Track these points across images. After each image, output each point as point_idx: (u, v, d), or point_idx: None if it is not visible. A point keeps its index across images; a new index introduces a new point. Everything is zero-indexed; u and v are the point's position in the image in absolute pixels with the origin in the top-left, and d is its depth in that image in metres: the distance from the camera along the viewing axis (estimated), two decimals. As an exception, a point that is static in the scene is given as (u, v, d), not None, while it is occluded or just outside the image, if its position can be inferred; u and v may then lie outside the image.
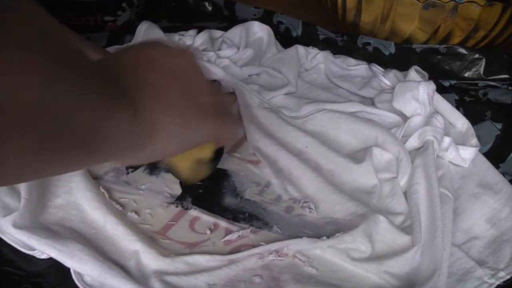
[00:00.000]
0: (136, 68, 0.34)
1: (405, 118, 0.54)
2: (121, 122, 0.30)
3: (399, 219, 0.44)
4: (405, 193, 0.47)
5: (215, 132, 0.39)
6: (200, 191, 0.47)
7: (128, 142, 0.32)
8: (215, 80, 0.58)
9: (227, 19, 0.74)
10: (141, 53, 0.36)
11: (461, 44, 0.64)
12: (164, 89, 0.35)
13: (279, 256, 0.41)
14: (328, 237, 0.41)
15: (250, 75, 0.62)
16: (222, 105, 0.39)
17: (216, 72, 0.60)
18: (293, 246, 0.41)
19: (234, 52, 0.63)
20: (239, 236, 0.43)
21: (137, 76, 0.33)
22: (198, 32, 0.66)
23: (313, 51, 0.65)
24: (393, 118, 0.54)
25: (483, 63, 0.62)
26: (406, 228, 0.43)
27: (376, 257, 0.41)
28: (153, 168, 0.49)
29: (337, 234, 0.41)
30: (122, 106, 0.30)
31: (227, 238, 0.42)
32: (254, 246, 0.41)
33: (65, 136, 0.25)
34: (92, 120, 0.27)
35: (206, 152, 0.43)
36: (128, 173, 0.48)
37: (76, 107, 0.25)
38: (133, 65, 0.34)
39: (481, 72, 0.62)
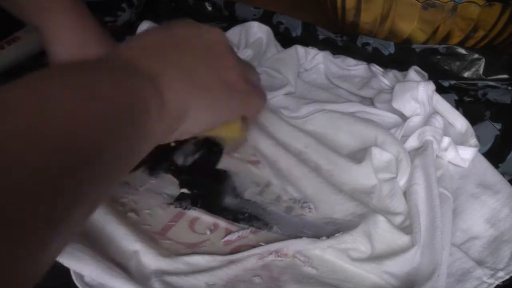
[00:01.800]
0: (160, 50, 0.34)
1: (404, 118, 0.53)
2: (149, 117, 0.30)
3: (398, 219, 0.45)
4: (405, 193, 0.47)
5: (241, 108, 0.40)
6: (200, 191, 0.47)
7: (158, 132, 0.32)
8: None
9: (226, 19, 0.74)
10: (166, 33, 0.37)
11: (461, 44, 0.64)
12: (190, 68, 0.35)
13: (279, 256, 0.41)
14: (328, 237, 0.41)
15: (249, 75, 0.62)
16: (247, 79, 0.39)
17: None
18: (292, 246, 0.41)
19: (233, 52, 0.63)
20: (239, 236, 0.43)
21: (161, 58, 0.33)
22: (198, 33, 0.66)
23: (312, 51, 0.65)
24: (392, 118, 0.54)
25: (482, 63, 0.62)
26: (406, 228, 0.43)
27: (375, 257, 0.41)
28: (152, 168, 0.49)
29: (336, 234, 0.41)
30: (147, 100, 0.30)
31: (227, 238, 0.43)
32: (254, 247, 0.41)
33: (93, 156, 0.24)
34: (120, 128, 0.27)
35: (234, 131, 0.45)
36: (127, 173, 0.48)
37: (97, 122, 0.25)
38: (157, 47, 0.34)
39: (481, 72, 0.62)
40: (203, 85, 0.35)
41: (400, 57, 0.64)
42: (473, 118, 0.54)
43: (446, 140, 0.50)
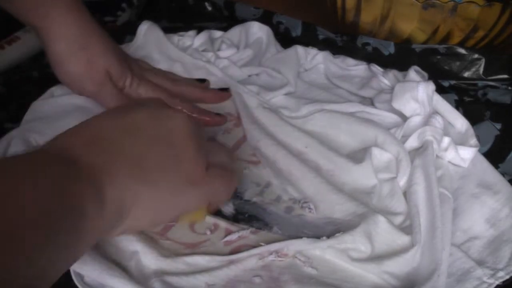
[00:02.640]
0: (108, 138, 0.32)
1: (404, 118, 0.53)
2: (86, 219, 0.27)
3: (398, 219, 0.44)
4: (405, 193, 0.47)
5: (198, 200, 0.37)
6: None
7: (96, 231, 0.29)
8: (204, 80, 0.58)
9: (226, 20, 0.74)
10: (120, 118, 0.34)
11: (461, 44, 0.64)
12: (139, 158, 0.32)
13: (279, 256, 0.41)
14: (328, 237, 0.41)
15: (249, 76, 0.62)
16: (208, 167, 0.36)
17: (215, 72, 0.60)
18: (293, 246, 0.41)
19: (233, 53, 0.63)
20: (239, 236, 0.43)
21: (107, 148, 0.31)
22: (198, 33, 0.66)
23: (312, 51, 0.65)
24: (392, 118, 0.54)
25: (482, 63, 0.62)
26: (406, 229, 0.43)
27: (375, 257, 0.41)
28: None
29: (337, 234, 0.41)
30: (84, 201, 0.27)
31: (227, 238, 0.42)
32: (254, 247, 0.41)
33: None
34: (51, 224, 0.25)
35: (199, 218, 0.43)
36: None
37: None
38: (105, 135, 0.32)
39: (481, 72, 0.62)
40: (151, 179, 0.32)
41: (400, 57, 0.64)
42: (473, 118, 0.54)
43: (446, 140, 0.50)
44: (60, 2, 0.48)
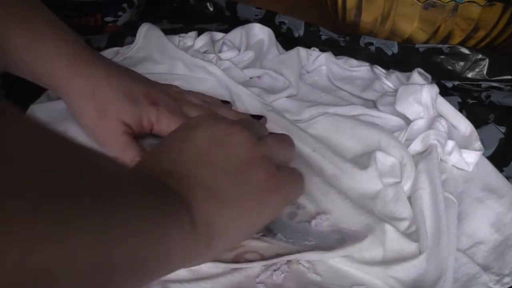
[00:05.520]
0: (185, 166, 0.33)
1: (408, 121, 0.53)
2: (178, 239, 0.29)
3: (404, 225, 0.44)
4: (409, 198, 0.46)
5: (280, 203, 0.38)
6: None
7: (187, 255, 0.31)
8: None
9: (228, 20, 0.74)
10: (189, 145, 0.35)
11: (462, 44, 0.63)
12: (216, 185, 0.33)
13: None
14: (333, 245, 0.41)
15: (251, 78, 0.62)
16: (278, 169, 0.37)
17: (214, 72, 0.59)
18: (302, 257, 0.40)
19: (235, 54, 0.63)
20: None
21: (185, 176, 0.32)
22: (199, 34, 0.65)
23: (314, 53, 0.64)
24: (396, 121, 0.54)
25: (486, 63, 0.62)
26: (411, 234, 0.43)
27: (381, 263, 0.41)
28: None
29: (346, 246, 0.40)
30: (177, 222, 0.29)
31: (228, 245, 0.42)
32: (257, 253, 0.41)
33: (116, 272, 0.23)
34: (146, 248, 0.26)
35: None
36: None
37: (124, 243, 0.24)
38: (181, 164, 0.34)
39: (484, 72, 0.62)
40: (231, 201, 0.34)
41: (403, 57, 0.64)
42: (477, 121, 0.54)
43: (450, 144, 0.49)
44: (62, 57, 0.46)
